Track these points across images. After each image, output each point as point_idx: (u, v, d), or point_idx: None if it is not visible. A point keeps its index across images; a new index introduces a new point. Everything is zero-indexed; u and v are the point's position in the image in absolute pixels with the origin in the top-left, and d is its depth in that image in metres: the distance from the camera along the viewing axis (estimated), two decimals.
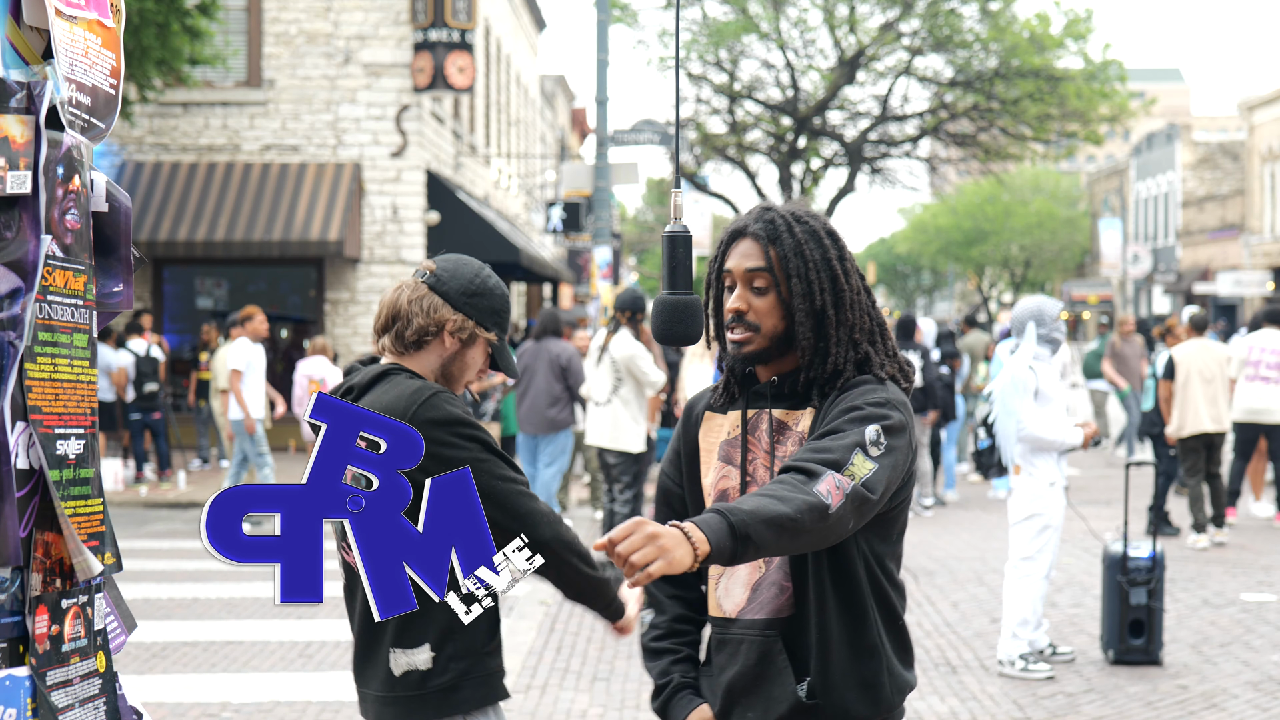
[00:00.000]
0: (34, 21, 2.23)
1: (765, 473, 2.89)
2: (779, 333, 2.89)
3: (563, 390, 12.02)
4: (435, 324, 3.32)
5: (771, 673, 2.88)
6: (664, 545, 2.38)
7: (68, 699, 2.21)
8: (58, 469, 2.19)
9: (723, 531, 2.45)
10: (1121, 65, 27.64)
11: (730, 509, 2.49)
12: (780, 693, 2.87)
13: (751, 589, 2.90)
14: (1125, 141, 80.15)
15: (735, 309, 2.89)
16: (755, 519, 2.48)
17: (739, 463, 2.92)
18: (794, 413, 2.90)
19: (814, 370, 2.89)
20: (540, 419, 12.07)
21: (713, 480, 2.95)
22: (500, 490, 3.16)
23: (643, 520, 2.44)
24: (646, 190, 58.03)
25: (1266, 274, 45.79)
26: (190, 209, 19.84)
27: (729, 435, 2.95)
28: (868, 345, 2.91)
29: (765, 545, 2.50)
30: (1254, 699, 7.39)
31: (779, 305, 2.88)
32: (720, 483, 2.94)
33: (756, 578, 2.91)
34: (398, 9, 20.57)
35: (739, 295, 2.89)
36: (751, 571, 2.90)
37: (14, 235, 2.14)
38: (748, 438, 2.92)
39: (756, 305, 2.89)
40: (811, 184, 30.13)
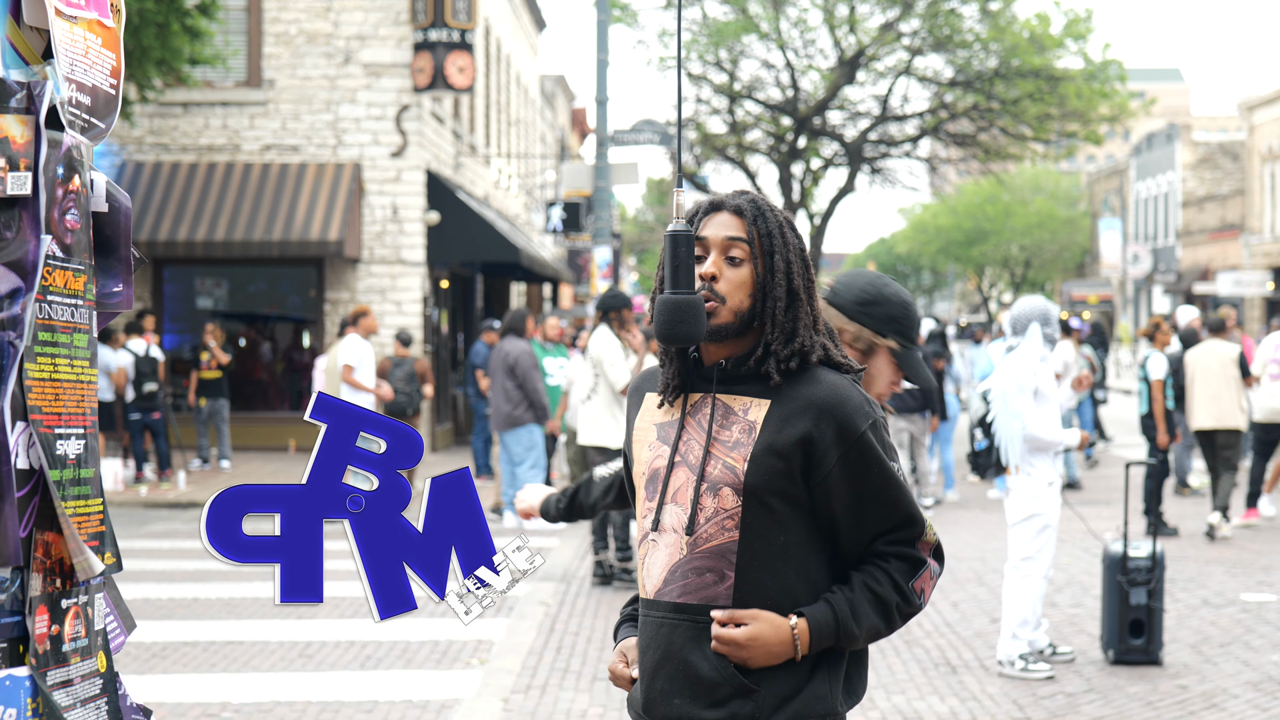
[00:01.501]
0: (34, 21, 2.23)
1: (698, 456, 2.86)
2: (743, 310, 2.88)
3: (514, 388, 12.70)
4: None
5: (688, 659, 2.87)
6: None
7: (69, 699, 2.21)
8: (58, 469, 2.18)
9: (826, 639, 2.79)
10: (1122, 65, 27.64)
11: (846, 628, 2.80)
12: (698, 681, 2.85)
13: (669, 570, 2.87)
14: (1125, 141, 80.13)
15: (709, 273, 2.87)
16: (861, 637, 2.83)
17: (672, 442, 2.90)
18: (742, 399, 2.88)
19: (775, 348, 2.88)
20: (502, 417, 12.95)
21: (647, 459, 2.92)
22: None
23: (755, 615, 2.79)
24: (646, 190, 58.04)
25: (1266, 274, 45.78)
26: (190, 209, 19.84)
27: (670, 417, 2.93)
28: (825, 339, 2.94)
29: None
30: (1254, 699, 7.39)
31: (750, 281, 2.88)
32: (654, 461, 2.91)
33: (677, 559, 2.86)
34: (398, 9, 20.57)
35: (713, 261, 2.88)
36: (672, 553, 2.86)
37: (14, 235, 2.14)
38: (686, 419, 2.89)
39: (729, 275, 2.88)
40: (811, 184, 30.12)
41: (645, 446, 2.94)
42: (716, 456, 2.87)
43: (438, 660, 8.22)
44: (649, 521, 2.90)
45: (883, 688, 7.63)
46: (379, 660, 8.25)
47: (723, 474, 2.84)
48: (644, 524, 2.91)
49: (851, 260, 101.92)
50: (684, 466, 2.87)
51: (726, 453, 2.86)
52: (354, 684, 7.72)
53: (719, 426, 2.87)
